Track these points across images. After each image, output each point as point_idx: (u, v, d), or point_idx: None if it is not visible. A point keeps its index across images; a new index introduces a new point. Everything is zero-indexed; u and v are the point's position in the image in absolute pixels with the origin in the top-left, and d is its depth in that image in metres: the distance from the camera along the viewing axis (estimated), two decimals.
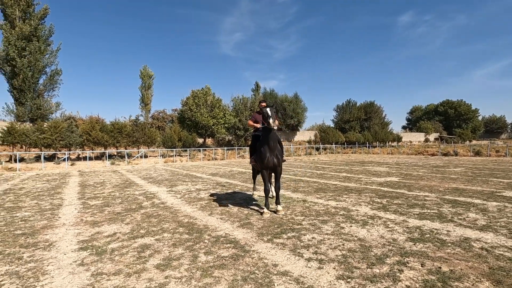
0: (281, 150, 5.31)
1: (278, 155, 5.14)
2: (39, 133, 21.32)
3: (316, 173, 11.80)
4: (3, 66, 28.14)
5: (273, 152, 5.06)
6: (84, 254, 3.32)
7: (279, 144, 5.33)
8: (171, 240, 3.73)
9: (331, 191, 7.24)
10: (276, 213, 5.05)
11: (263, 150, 5.08)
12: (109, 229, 4.31)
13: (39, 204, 6.39)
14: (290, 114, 44.62)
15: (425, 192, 6.83)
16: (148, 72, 37.88)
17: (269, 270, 2.79)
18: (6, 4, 27.98)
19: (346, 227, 4.14)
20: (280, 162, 5.20)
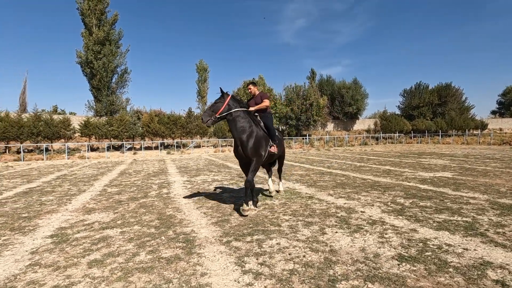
0: (259, 140, 4.51)
1: (250, 146, 4.43)
2: (109, 126, 24.28)
3: (354, 166, 10.59)
4: (85, 68, 32.64)
5: (244, 143, 4.44)
6: (46, 242, 3.42)
7: (266, 132, 4.78)
8: (134, 234, 3.61)
9: (352, 187, 6.29)
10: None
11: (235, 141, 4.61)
12: (94, 218, 4.43)
13: (70, 189, 7.10)
14: (348, 101, 41.60)
15: (475, 193, 5.38)
16: (204, 65, 39.61)
17: (189, 280, 2.40)
18: (85, 14, 32.14)
19: (330, 233, 3.42)
20: (251, 153, 4.45)
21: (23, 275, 2.58)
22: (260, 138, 4.56)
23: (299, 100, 34.20)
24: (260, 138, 4.57)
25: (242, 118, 4.52)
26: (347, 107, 41.46)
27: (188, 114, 28.20)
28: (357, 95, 41.95)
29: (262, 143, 4.58)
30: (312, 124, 34.92)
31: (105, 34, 32.49)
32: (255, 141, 4.47)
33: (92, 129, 23.45)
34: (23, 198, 6.09)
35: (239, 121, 4.49)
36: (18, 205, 5.47)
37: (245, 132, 4.46)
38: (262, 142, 4.59)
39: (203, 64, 39.80)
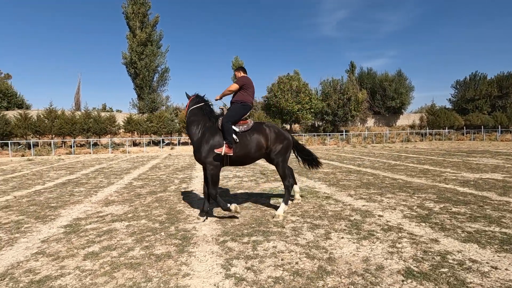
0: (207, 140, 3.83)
1: (196, 149, 3.92)
2: (149, 122, 25.73)
3: (387, 164, 9.79)
4: (129, 69, 34.90)
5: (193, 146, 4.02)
6: (59, 231, 3.63)
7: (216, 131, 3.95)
8: (138, 228, 3.67)
9: (378, 188, 5.77)
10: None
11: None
12: (110, 210, 4.63)
13: (102, 182, 7.58)
14: (391, 95, 38.90)
15: None
16: (239, 62, 39.93)
17: (169, 281, 2.32)
18: (129, 17, 34.23)
19: (334, 238, 3.12)
20: (201, 157, 3.83)
21: (25, 263, 2.73)
22: (208, 138, 3.87)
23: (336, 94, 32.85)
24: (209, 138, 3.87)
25: (194, 116, 4.08)
26: (389, 101, 38.84)
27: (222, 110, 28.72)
28: (401, 88, 39.05)
29: (208, 144, 3.84)
30: (349, 119, 33.37)
31: (147, 35, 34.32)
32: (202, 142, 3.87)
33: (134, 125, 25.04)
34: (58, 189, 6.64)
35: (192, 121, 4.07)
36: (52, 195, 5.96)
37: (196, 134, 3.97)
38: (209, 143, 3.84)
39: (238, 61, 40.15)
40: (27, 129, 22.14)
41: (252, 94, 4.34)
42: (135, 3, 33.85)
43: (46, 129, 22.67)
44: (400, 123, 40.92)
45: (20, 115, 22.50)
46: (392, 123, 41.08)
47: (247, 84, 4.21)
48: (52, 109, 23.76)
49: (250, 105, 4.23)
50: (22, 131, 22.03)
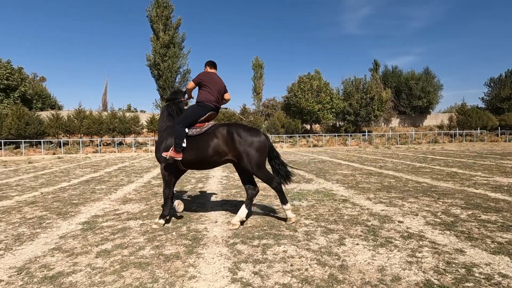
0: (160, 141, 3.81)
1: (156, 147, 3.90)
2: None
3: (412, 166, 9.32)
4: (153, 70, 35.97)
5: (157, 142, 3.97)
6: (77, 228, 3.74)
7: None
8: (151, 227, 3.71)
9: (400, 191, 5.48)
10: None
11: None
12: (126, 208, 4.73)
13: (122, 180, 7.82)
14: (417, 94, 37.29)
15: None
16: (259, 62, 39.98)
17: (175, 282, 2.29)
18: (153, 20, 35.26)
19: (349, 244, 2.96)
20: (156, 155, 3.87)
21: (42, 258, 2.83)
22: (164, 138, 3.80)
23: (358, 94, 31.92)
24: (164, 138, 3.80)
25: (161, 114, 4.16)
26: (415, 100, 37.26)
27: (242, 110, 28.86)
28: (428, 87, 37.35)
29: (161, 144, 3.77)
30: (372, 119, 32.31)
31: (170, 37, 35.17)
32: (159, 141, 3.85)
33: (157, 125, 25.76)
34: (82, 186, 6.91)
35: (159, 118, 4.19)
36: (75, 192, 6.21)
37: (159, 131, 4.04)
38: (162, 143, 3.77)
39: (259, 61, 40.19)
40: (58, 129, 23.46)
41: (216, 92, 3.81)
42: (158, 6, 34.81)
43: (76, 129, 23.90)
44: (428, 123, 39.10)
45: (53, 115, 23.87)
46: (419, 123, 39.34)
47: (206, 80, 3.79)
48: (81, 110, 25.01)
49: (209, 105, 3.77)
50: (54, 130, 23.37)
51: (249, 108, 33.92)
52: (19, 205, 5.07)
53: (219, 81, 3.93)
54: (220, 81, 3.95)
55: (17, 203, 5.27)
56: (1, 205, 5.09)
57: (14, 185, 7.26)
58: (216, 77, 3.96)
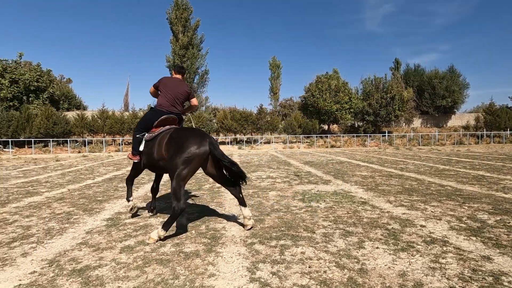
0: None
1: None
2: (189, 122, 26.84)
3: (435, 169, 8.99)
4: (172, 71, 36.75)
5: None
6: (102, 224, 3.92)
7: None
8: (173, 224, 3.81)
9: (422, 195, 5.31)
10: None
11: None
12: (148, 205, 4.88)
13: (143, 178, 8.06)
14: (441, 93, 35.83)
15: None
16: (276, 62, 39.90)
17: (195, 279, 2.35)
18: (173, 22, 36.02)
19: (368, 247, 2.91)
20: None
21: (70, 252, 2.98)
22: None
23: (378, 93, 31.16)
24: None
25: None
26: (439, 100, 35.83)
27: (259, 110, 28.89)
28: (453, 86, 35.82)
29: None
30: (393, 119, 31.41)
31: (189, 39, 35.80)
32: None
33: None
34: (105, 184, 7.20)
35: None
36: (100, 189, 6.48)
37: None
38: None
39: (276, 61, 40.11)
40: (83, 128, 24.51)
41: (171, 98, 3.77)
42: (178, 8, 35.53)
43: (99, 128, 24.86)
44: (452, 123, 37.50)
45: (78, 116, 24.97)
46: (443, 123, 37.83)
47: (163, 85, 3.82)
48: (104, 110, 25.99)
49: (160, 110, 3.76)
50: (79, 130, 24.43)
51: (266, 108, 33.89)
52: (48, 201, 5.35)
53: (178, 86, 3.85)
54: (180, 86, 3.86)
55: (47, 199, 5.57)
56: (33, 201, 5.40)
57: (44, 182, 7.67)
58: (177, 81, 3.90)
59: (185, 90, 3.92)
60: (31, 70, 27.70)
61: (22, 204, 5.13)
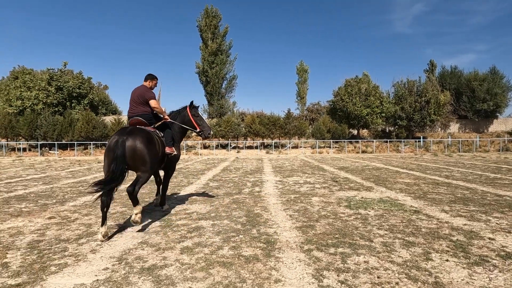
0: None
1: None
2: (218, 126, 27.36)
3: (485, 177, 8.38)
4: (201, 77, 37.74)
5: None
6: (156, 224, 4.06)
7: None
8: (222, 228, 3.87)
9: (479, 205, 4.96)
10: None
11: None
12: (194, 208, 5.00)
13: (182, 181, 8.30)
14: (481, 96, 33.60)
15: None
16: (304, 67, 39.66)
17: (262, 284, 2.35)
18: (202, 29, 37.11)
19: (437, 260, 2.75)
20: None
21: (134, 251, 3.11)
22: None
23: (412, 97, 29.83)
24: None
25: None
26: (479, 103, 33.60)
27: (287, 115, 28.78)
28: (495, 88, 33.48)
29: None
30: (428, 124, 29.87)
31: (218, 45, 36.67)
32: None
33: None
34: (148, 185, 7.48)
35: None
36: (144, 191, 6.76)
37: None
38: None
39: (303, 66, 39.88)
40: None
41: (130, 102, 4.42)
42: (207, 16, 36.55)
43: None
44: (494, 128, 34.99)
45: (115, 120, 26.36)
46: (483, 128, 35.40)
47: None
48: None
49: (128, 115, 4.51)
50: None
51: (293, 113, 33.72)
52: None
53: (135, 91, 4.41)
54: (136, 91, 4.40)
55: None
56: (87, 200, 5.74)
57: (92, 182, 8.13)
58: (136, 89, 4.46)
59: (140, 93, 4.38)
60: (73, 78, 29.76)
61: (79, 203, 5.47)
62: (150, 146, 3.89)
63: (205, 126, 4.90)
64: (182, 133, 5.04)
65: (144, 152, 3.77)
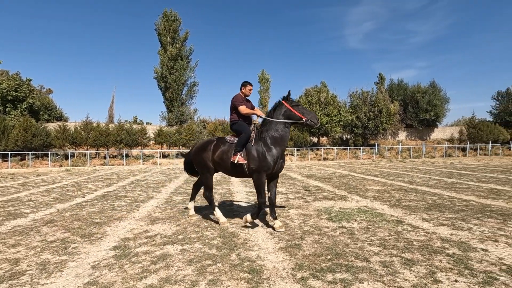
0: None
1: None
2: (178, 134, 26.02)
3: (444, 182, 8.81)
4: (160, 83, 35.93)
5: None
6: (109, 254, 3.25)
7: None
8: (194, 254, 3.21)
9: (453, 211, 4.98)
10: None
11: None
12: (157, 229, 4.24)
13: (140, 195, 7.34)
14: (424, 107, 36.99)
15: None
16: (265, 75, 40.06)
17: None
18: (161, 33, 35.52)
19: (445, 281, 2.46)
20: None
21: None
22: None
23: (366, 106, 31.68)
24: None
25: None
26: (422, 113, 36.93)
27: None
28: (435, 100, 37.08)
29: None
30: (381, 132, 31.91)
31: (177, 50, 35.34)
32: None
33: (164, 137, 25.42)
34: (99, 202, 6.43)
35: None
36: (94, 209, 5.73)
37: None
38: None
39: (265, 74, 40.28)
40: (65, 140, 23.12)
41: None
42: (167, 20, 35.19)
43: (82, 141, 23.54)
44: (435, 136, 38.65)
45: (59, 127, 23.60)
46: (426, 136, 38.90)
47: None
48: (88, 121, 24.73)
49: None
50: (61, 142, 23.02)
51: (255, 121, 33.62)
52: (36, 225, 4.59)
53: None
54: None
55: (34, 221, 4.79)
56: (17, 224, 4.62)
57: (26, 201, 6.79)
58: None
59: (232, 101, 4.60)
60: (9, 79, 26.16)
61: (5, 229, 4.35)
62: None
63: (310, 113, 4.19)
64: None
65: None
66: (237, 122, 4.47)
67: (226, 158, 4.26)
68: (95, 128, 24.23)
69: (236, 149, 4.15)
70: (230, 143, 4.38)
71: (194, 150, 4.74)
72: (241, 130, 4.33)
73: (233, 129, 4.54)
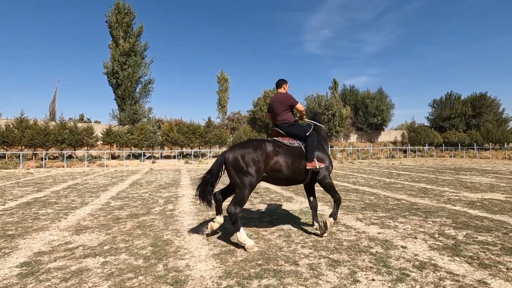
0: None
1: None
2: (129, 134, 24.53)
3: (383, 182, 9.49)
4: (111, 79, 33.61)
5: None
6: (13, 273, 2.83)
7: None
8: (116, 267, 2.94)
9: (385, 210, 5.33)
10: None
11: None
12: (81, 240, 3.84)
13: (74, 201, 6.67)
14: (372, 112, 39.88)
15: None
16: (224, 76, 39.78)
17: None
18: (113, 26, 33.27)
19: (363, 280, 2.56)
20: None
21: None
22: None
23: (320, 110, 33.14)
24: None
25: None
26: (371, 117, 39.76)
27: (207, 123, 28.01)
28: (382, 106, 40.14)
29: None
30: (334, 135, 33.65)
31: (131, 45, 33.42)
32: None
33: (114, 137, 23.76)
34: (21, 210, 5.69)
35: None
36: (12, 218, 5.04)
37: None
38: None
39: (224, 75, 39.98)
40: None
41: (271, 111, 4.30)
42: (119, 12, 33.13)
43: (15, 140, 20.97)
44: (382, 139, 41.85)
45: None
46: (374, 139, 41.93)
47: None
48: (23, 119, 22.12)
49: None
50: None
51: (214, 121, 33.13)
52: None
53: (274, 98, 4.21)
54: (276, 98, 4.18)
55: None
56: None
57: None
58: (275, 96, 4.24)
59: (280, 99, 4.05)
60: None
61: None
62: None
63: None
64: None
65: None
66: (296, 124, 4.00)
67: (292, 164, 3.69)
68: (31, 126, 21.75)
69: (311, 154, 3.76)
70: (291, 146, 3.81)
71: (239, 150, 3.55)
72: (305, 133, 3.90)
73: (290, 131, 3.93)
